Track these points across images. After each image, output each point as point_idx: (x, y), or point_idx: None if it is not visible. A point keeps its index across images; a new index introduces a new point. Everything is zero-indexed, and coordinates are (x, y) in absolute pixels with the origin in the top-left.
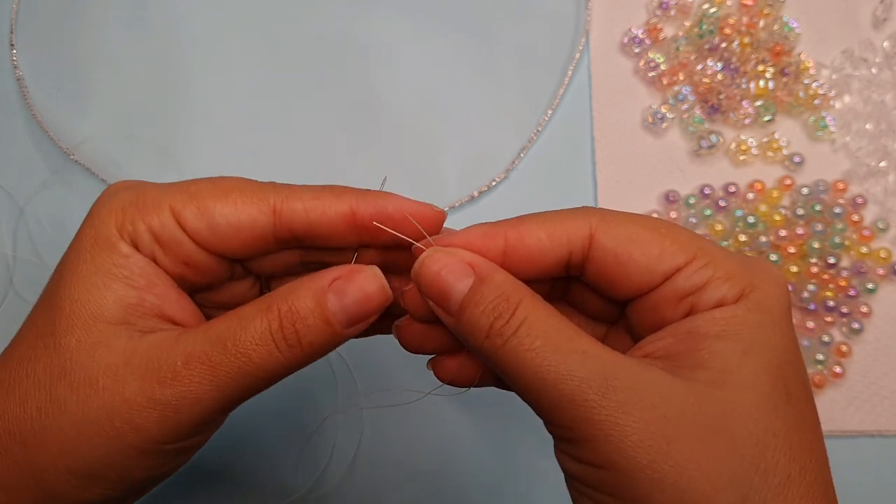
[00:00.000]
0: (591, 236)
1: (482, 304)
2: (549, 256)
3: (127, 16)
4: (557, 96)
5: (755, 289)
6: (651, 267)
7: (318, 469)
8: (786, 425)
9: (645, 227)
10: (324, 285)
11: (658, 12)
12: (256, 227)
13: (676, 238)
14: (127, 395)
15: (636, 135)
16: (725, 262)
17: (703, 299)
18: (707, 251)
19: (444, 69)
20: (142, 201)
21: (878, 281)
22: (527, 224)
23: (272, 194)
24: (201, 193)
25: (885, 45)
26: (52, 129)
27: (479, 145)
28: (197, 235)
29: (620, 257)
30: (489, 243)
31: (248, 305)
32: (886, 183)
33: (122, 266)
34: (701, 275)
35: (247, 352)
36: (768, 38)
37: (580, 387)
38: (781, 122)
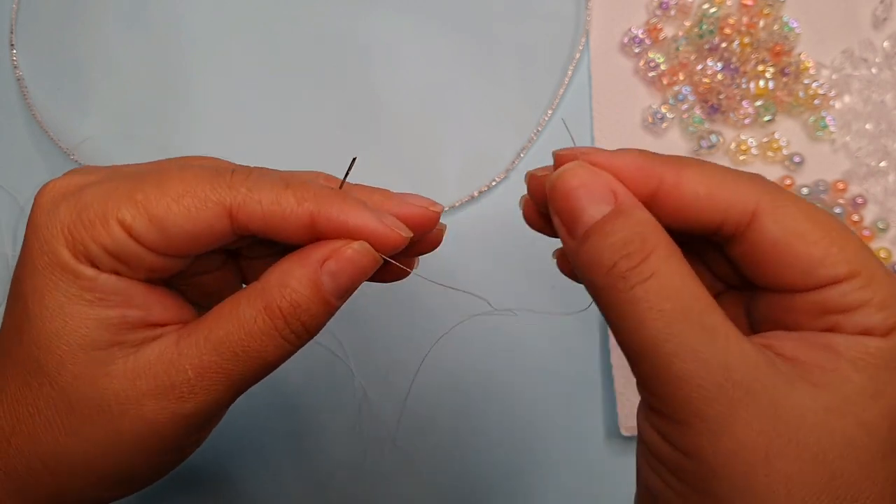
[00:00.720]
0: (754, 213)
1: (613, 235)
2: (702, 216)
3: (127, 16)
4: (557, 96)
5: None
6: (809, 270)
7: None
8: (886, 477)
9: (816, 224)
10: (317, 270)
11: (658, 12)
12: (213, 231)
13: (844, 245)
14: (147, 416)
15: (636, 135)
16: (885, 287)
17: (851, 322)
18: (871, 269)
19: (444, 69)
20: (86, 218)
21: None
22: (689, 170)
23: (228, 195)
24: (150, 202)
25: (886, 45)
26: (51, 129)
27: (479, 145)
28: (153, 246)
29: (780, 248)
30: (642, 178)
31: (242, 302)
32: (886, 183)
33: (93, 289)
34: (858, 296)
35: (257, 354)
36: (768, 38)
37: (698, 371)
38: (781, 122)
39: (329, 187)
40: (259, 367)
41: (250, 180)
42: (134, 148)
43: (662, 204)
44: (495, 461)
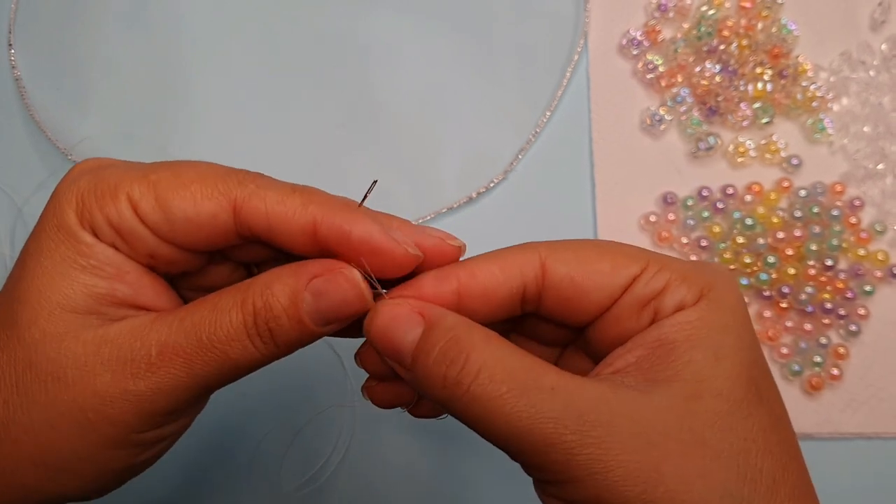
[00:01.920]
0: (542, 265)
1: (433, 350)
2: (504, 290)
3: (126, 16)
4: (556, 97)
5: (712, 288)
6: (607, 282)
7: (310, 467)
8: (762, 428)
9: (592, 248)
10: (301, 284)
11: (656, 14)
12: (217, 223)
13: (625, 252)
14: (98, 388)
15: (634, 136)
16: (678, 266)
17: (665, 304)
18: (657, 258)
19: (444, 69)
20: (100, 189)
21: (876, 283)
22: (477, 261)
23: (236, 189)
24: (160, 182)
25: (883, 47)
26: (50, 129)
27: (477, 146)
28: (155, 227)
29: (575, 279)
30: (442, 286)
31: (225, 294)
32: (884, 185)
33: (88, 255)
34: (658, 279)
35: (222, 346)
36: (766, 41)
37: (556, 429)
38: (779, 125)
39: (341, 199)
40: (220, 364)
41: (260, 179)
42: (133, 148)
43: (470, 297)
44: (487, 461)
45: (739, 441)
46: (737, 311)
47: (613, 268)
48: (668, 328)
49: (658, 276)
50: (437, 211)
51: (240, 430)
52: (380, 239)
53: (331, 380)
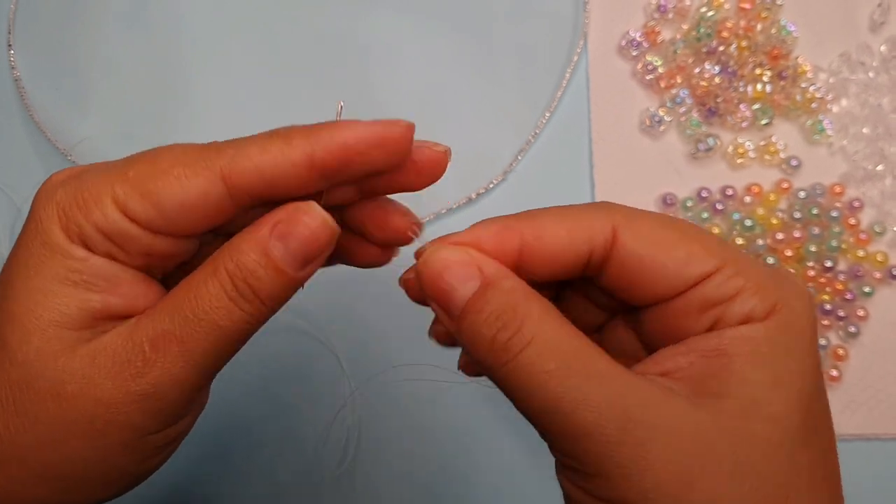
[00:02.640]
0: (613, 235)
1: (486, 310)
2: (569, 255)
3: (126, 16)
4: (556, 98)
5: (785, 305)
6: (678, 272)
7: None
8: (811, 461)
9: (672, 229)
10: (265, 234)
11: (656, 15)
12: (210, 199)
13: (705, 243)
14: (101, 396)
15: (634, 137)
16: (755, 273)
17: (731, 312)
18: (737, 259)
19: (444, 69)
20: (81, 198)
21: (875, 284)
22: (545, 219)
23: (217, 158)
24: (141, 176)
25: (883, 48)
26: (49, 129)
27: (477, 146)
28: (149, 223)
29: (644, 259)
30: (503, 242)
31: (195, 273)
32: (883, 186)
33: (80, 271)
34: (731, 284)
35: (209, 318)
36: (766, 42)
37: (598, 420)
38: (779, 126)
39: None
40: (214, 337)
41: (235, 141)
42: (132, 148)
43: (532, 256)
44: (484, 461)
45: (786, 471)
46: (806, 334)
47: (688, 259)
48: (729, 340)
49: (732, 280)
50: (436, 212)
51: (238, 431)
52: (374, 129)
53: (330, 380)
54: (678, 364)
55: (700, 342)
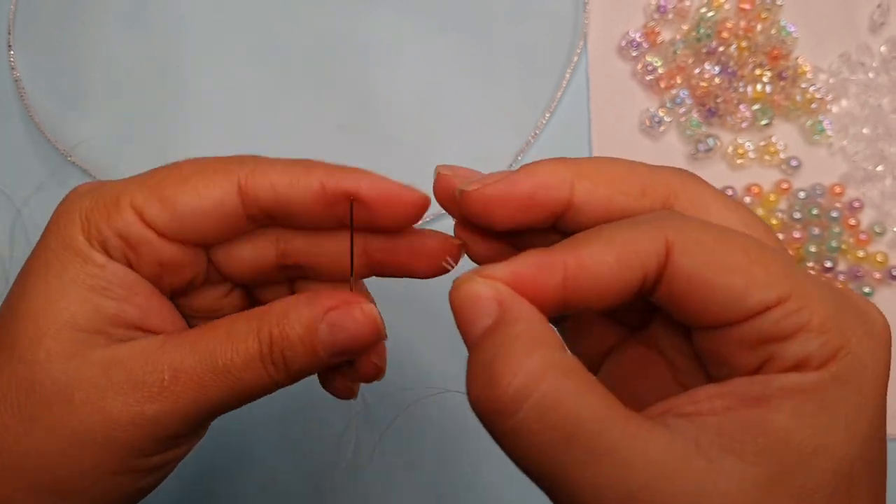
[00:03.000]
0: (667, 252)
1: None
2: (620, 283)
3: (126, 17)
4: (556, 98)
5: (850, 351)
6: (735, 300)
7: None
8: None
9: (732, 248)
10: (317, 314)
11: (656, 16)
12: (225, 208)
13: (770, 267)
14: (108, 410)
15: (634, 137)
16: (823, 308)
17: (785, 353)
18: (803, 289)
19: (444, 70)
20: (102, 204)
21: (875, 285)
22: (590, 247)
23: (237, 170)
24: (161, 184)
25: (883, 49)
26: (49, 130)
27: (477, 147)
28: (164, 229)
29: (698, 283)
30: (543, 276)
31: (238, 320)
32: (883, 187)
33: (98, 276)
34: (791, 321)
35: (237, 373)
36: (766, 42)
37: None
38: (779, 126)
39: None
40: (233, 389)
41: (259, 157)
42: (132, 149)
43: (577, 292)
44: (490, 463)
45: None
46: (868, 392)
47: (747, 287)
48: (774, 389)
49: (794, 315)
50: (436, 212)
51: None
52: (389, 187)
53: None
54: (713, 406)
55: (743, 386)
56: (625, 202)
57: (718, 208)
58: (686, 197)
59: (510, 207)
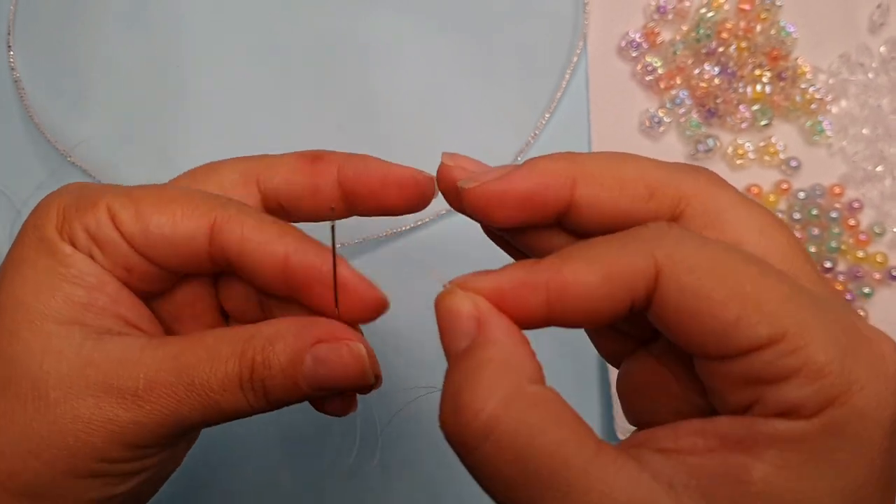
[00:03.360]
0: (656, 275)
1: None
2: (606, 304)
3: (126, 17)
4: (555, 99)
5: (850, 398)
6: (723, 336)
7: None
8: None
9: (727, 276)
10: (304, 346)
11: (655, 16)
12: (193, 244)
13: (765, 300)
14: (81, 412)
15: (633, 138)
16: (823, 349)
17: (775, 397)
18: (803, 327)
19: (443, 70)
20: (80, 203)
21: (875, 285)
22: (574, 266)
23: (218, 210)
24: (143, 199)
25: (882, 49)
26: (49, 130)
27: (476, 147)
28: (132, 240)
29: (684, 313)
30: (527, 296)
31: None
32: (883, 187)
33: (68, 265)
34: (785, 363)
35: (214, 395)
36: (765, 43)
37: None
38: (778, 127)
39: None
40: (207, 408)
41: (244, 206)
42: (132, 150)
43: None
44: None
45: None
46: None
47: (738, 322)
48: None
49: (788, 358)
50: (436, 213)
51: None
52: (352, 279)
53: None
54: (695, 445)
55: (728, 426)
56: (630, 205)
57: (735, 215)
58: (699, 201)
59: (508, 207)
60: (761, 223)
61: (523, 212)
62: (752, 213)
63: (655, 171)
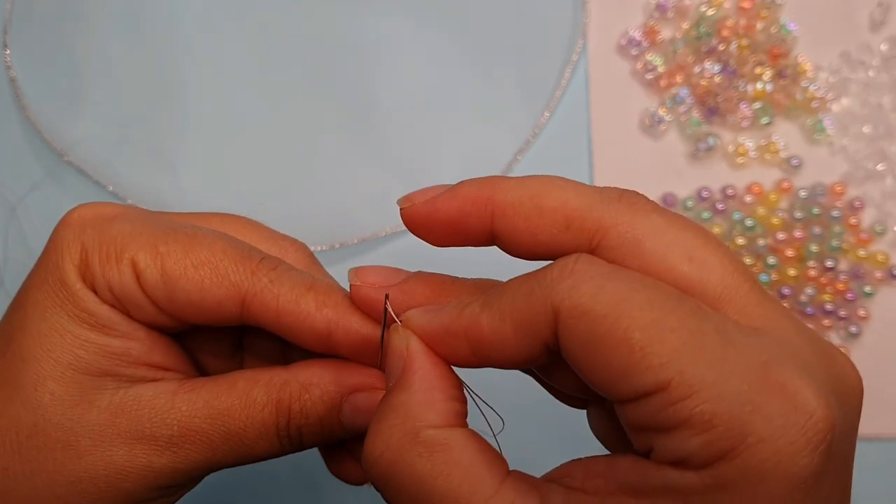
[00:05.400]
0: (555, 321)
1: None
2: (522, 351)
3: (122, 17)
4: (555, 98)
5: (746, 451)
6: (613, 381)
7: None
8: None
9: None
10: (342, 394)
11: (656, 14)
12: (221, 310)
13: (658, 345)
14: (114, 460)
15: (634, 137)
16: (715, 400)
17: (665, 444)
18: (692, 377)
19: (442, 70)
20: (105, 249)
21: (876, 284)
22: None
23: (248, 281)
24: (170, 258)
25: (883, 47)
26: (45, 130)
27: (476, 147)
28: (156, 300)
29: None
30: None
31: (256, 385)
32: (884, 186)
33: (97, 314)
34: (669, 414)
35: (250, 442)
36: (766, 41)
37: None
38: (779, 125)
39: None
40: (242, 454)
41: (275, 272)
42: (128, 149)
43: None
44: None
45: None
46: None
47: (626, 369)
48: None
49: (674, 407)
50: None
51: None
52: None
53: None
54: (597, 485)
55: (629, 470)
56: (548, 237)
57: (658, 243)
58: (616, 232)
59: (435, 231)
60: (691, 248)
61: (452, 236)
62: (681, 238)
63: (576, 199)
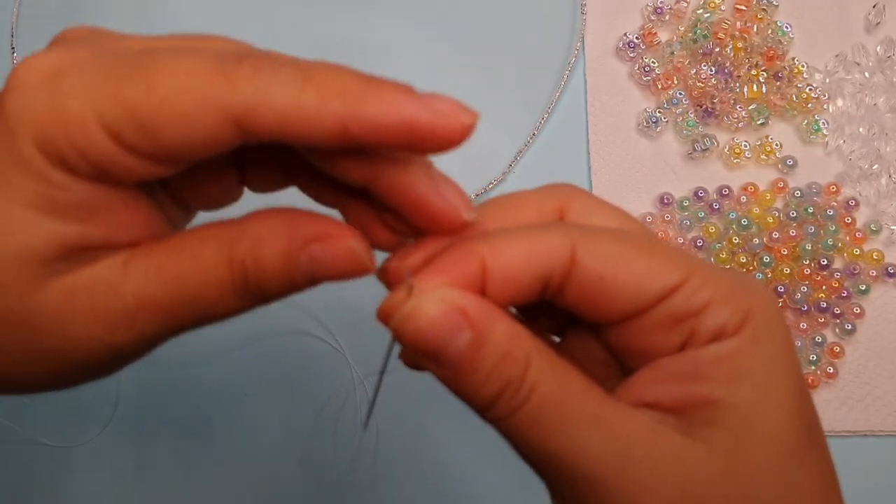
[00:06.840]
0: (572, 254)
1: (483, 369)
2: (526, 278)
3: (128, 21)
4: (553, 99)
5: (757, 313)
6: (640, 287)
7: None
8: (810, 476)
9: (629, 244)
10: (297, 245)
11: (653, 17)
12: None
13: (666, 255)
14: (72, 336)
15: (631, 138)
16: (723, 282)
17: (702, 327)
18: (702, 269)
19: (442, 71)
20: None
21: (871, 282)
22: (502, 240)
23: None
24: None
25: (878, 49)
26: None
27: (475, 149)
28: (144, 152)
29: (605, 277)
30: (466, 267)
31: (207, 244)
32: (879, 185)
33: (55, 199)
34: (699, 296)
35: (210, 304)
36: (762, 43)
37: (595, 467)
38: (775, 126)
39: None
40: (201, 316)
41: (258, 77)
42: None
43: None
44: (492, 461)
45: (786, 494)
46: (783, 341)
47: (649, 273)
48: (706, 364)
49: (700, 291)
50: None
51: (243, 431)
52: (424, 116)
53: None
54: (657, 396)
55: (674, 366)
56: None
57: (602, 217)
58: (574, 209)
59: None
60: (624, 222)
61: None
62: (616, 215)
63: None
